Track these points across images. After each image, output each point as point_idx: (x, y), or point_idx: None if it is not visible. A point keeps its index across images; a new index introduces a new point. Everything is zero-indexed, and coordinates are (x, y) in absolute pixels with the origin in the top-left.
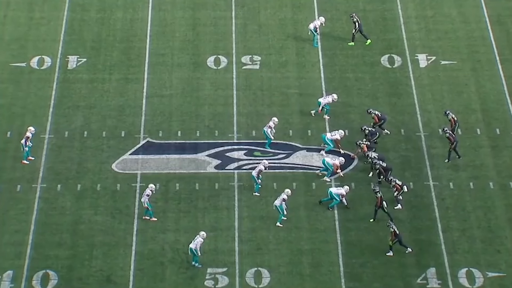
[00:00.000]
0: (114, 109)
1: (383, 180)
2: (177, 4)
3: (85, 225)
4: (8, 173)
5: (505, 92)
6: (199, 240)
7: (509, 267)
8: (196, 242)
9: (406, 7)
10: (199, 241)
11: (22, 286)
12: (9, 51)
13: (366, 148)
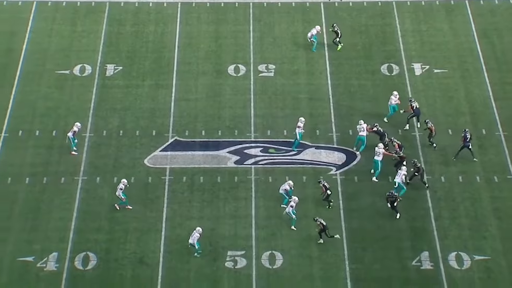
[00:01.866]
0: (146, 111)
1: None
2: (202, 19)
3: (121, 213)
4: (53, 167)
5: (491, 97)
6: (196, 235)
7: (494, 251)
8: (193, 237)
9: (403, 22)
10: (196, 236)
11: (66, 266)
12: (54, 60)
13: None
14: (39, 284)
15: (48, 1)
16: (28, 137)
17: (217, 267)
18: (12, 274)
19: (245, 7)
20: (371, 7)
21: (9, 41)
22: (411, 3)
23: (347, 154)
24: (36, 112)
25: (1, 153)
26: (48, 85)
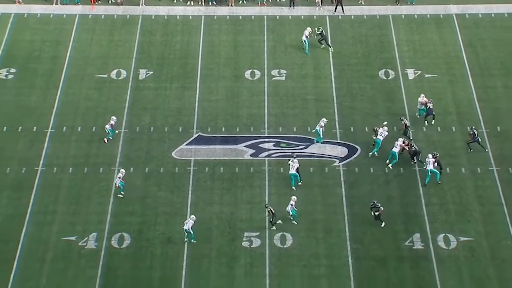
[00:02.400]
0: (173, 110)
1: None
2: (222, 30)
3: (151, 198)
4: (93, 158)
5: (475, 99)
6: (191, 223)
7: (477, 233)
8: (188, 224)
9: (398, 32)
10: (190, 223)
11: (103, 245)
12: (94, 66)
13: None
14: (80, 260)
15: (89, 14)
16: (71, 132)
17: (235, 246)
18: (57, 252)
19: (260, 20)
20: (370, 19)
21: (55, 49)
22: (405, 16)
23: (348, 148)
24: (78, 111)
25: (48, 146)
26: (88, 87)
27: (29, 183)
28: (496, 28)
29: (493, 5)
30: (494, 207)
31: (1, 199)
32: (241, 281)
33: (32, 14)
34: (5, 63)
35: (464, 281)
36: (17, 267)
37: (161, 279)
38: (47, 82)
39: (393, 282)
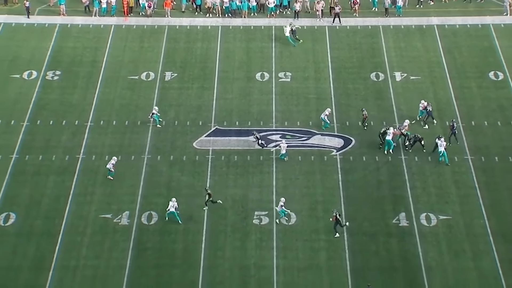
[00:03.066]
0: (194, 107)
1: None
2: (236, 38)
3: (175, 182)
4: (125, 148)
5: (453, 97)
6: (171, 205)
7: (454, 212)
8: (170, 207)
9: (388, 40)
10: (172, 205)
11: (135, 221)
12: (127, 69)
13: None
14: (115, 234)
15: (123, 25)
16: (107, 125)
17: (246, 223)
18: (95, 227)
19: (269, 29)
20: (363, 29)
21: (94, 54)
22: (393, 27)
23: (344, 140)
24: (113, 107)
25: (88, 137)
26: (122, 87)
27: (72, 169)
28: (471, 37)
29: (468, 17)
30: (469, 190)
31: (48, 182)
32: (252, 252)
33: (75, 25)
34: (51, 66)
35: (443, 253)
36: (62, 240)
37: (183, 251)
38: (87, 83)
39: (382, 254)
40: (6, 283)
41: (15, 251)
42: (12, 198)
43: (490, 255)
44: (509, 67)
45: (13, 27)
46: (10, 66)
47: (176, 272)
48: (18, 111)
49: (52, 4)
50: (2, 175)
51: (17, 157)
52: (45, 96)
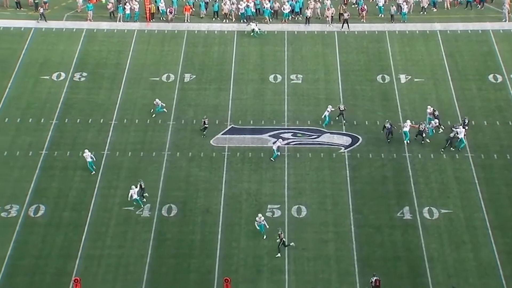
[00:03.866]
0: (211, 106)
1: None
2: (251, 42)
3: (193, 177)
4: (147, 145)
5: (454, 98)
6: (134, 191)
7: (455, 206)
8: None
9: (393, 45)
10: (135, 191)
11: (155, 214)
12: (149, 71)
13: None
14: (137, 226)
15: (145, 30)
16: (130, 124)
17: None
18: (119, 219)
19: (281, 34)
20: (370, 34)
21: (117, 57)
22: (398, 32)
23: (352, 138)
24: (136, 107)
25: (112, 135)
26: (144, 88)
27: (97, 164)
28: (472, 42)
29: (469, 23)
30: (469, 186)
31: (75, 176)
32: (265, 243)
33: (100, 30)
34: (78, 68)
35: (444, 245)
36: (88, 230)
37: (201, 241)
38: (111, 84)
39: (387, 245)
40: (37, 271)
41: (44, 240)
42: (42, 191)
43: (489, 247)
44: (508, 70)
45: (43, 32)
46: (41, 68)
47: (194, 261)
48: (48, 110)
49: (79, 10)
50: (33, 169)
51: (47, 153)
52: (73, 96)
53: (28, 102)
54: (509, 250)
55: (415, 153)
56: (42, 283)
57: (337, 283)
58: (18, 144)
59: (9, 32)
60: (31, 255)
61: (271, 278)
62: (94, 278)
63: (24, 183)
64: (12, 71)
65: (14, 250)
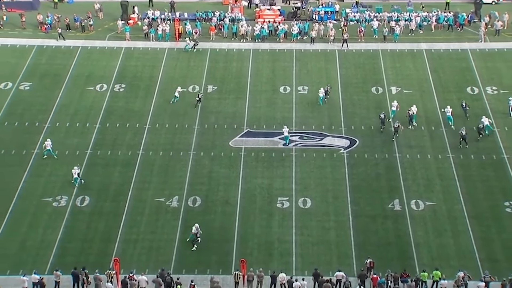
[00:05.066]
0: (230, 113)
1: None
2: (264, 59)
3: (215, 173)
4: (176, 145)
5: (437, 107)
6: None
7: (438, 199)
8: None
9: (386, 61)
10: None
11: (182, 204)
12: (177, 83)
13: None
14: (167, 215)
15: (174, 48)
16: (161, 127)
17: (271, 207)
18: (151, 209)
19: (290, 52)
20: (366, 52)
21: (151, 71)
22: (390, 51)
23: (350, 140)
24: (166, 113)
25: (146, 137)
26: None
27: (133, 162)
28: (453, 59)
29: (450, 43)
30: (450, 182)
31: (115, 172)
32: (276, 230)
33: (136, 48)
34: (118, 80)
35: (429, 232)
36: (125, 218)
37: (220, 228)
38: (146, 93)
39: (380, 232)
40: (82, 251)
41: (89, 226)
42: (86, 185)
43: (467, 234)
44: (483, 84)
45: (89, 50)
46: (86, 81)
47: (215, 245)
48: (92, 116)
49: (119, 31)
50: (80, 166)
51: (91, 152)
52: (113, 104)
53: (76, 109)
54: (484, 237)
55: (404, 154)
56: (86, 263)
57: (337, 264)
58: (67, 144)
59: (60, 50)
60: (77, 239)
61: (281, 260)
62: (131, 258)
63: (72, 178)
64: (63, 83)
65: (63, 234)
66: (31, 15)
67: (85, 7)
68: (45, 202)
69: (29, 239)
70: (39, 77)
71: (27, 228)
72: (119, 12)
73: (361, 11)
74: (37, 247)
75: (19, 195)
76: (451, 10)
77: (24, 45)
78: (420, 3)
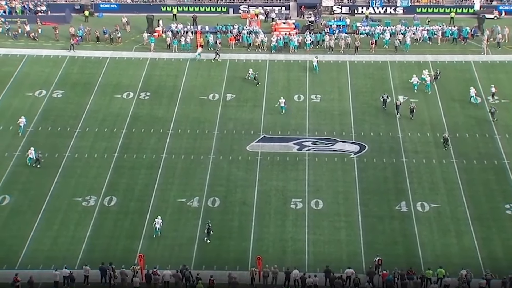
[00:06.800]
0: (248, 119)
1: None
2: (280, 69)
3: (233, 176)
4: (197, 149)
5: (442, 115)
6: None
7: (442, 202)
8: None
9: (393, 71)
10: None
11: (202, 204)
12: (198, 91)
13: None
14: (188, 214)
15: (196, 59)
16: (183, 133)
17: (285, 207)
18: (174, 208)
19: (304, 62)
20: (375, 64)
21: (174, 80)
22: (398, 62)
23: (360, 146)
24: (188, 120)
25: (169, 141)
26: (195, 104)
27: (157, 165)
28: (457, 70)
29: (454, 55)
30: (454, 185)
31: (140, 174)
32: (290, 229)
33: (161, 58)
34: (143, 89)
35: (433, 232)
36: (149, 217)
37: (238, 227)
38: (169, 101)
39: (387, 232)
40: (109, 248)
41: (116, 224)
42: (114, 185)
43: (469, 234)
44: (485, 93)
45: (117, 60)
46: (114, 89)
47: (233, 243)
48: (119, 121)
49: (145, 43)
50: (107, 168)
51: (118, 155)
52: (139, 110)
53: (104, 115)
54: (485, 237)
55: (411, 159)
56: (114, 258)
57: (347, 262)
58: (96, 148)
59: (90, 60)
60: (105, 236)
61: (294, 257)
62: (155, 254)
63: (100, 179)
64: (92, 91)
65: (92, 231)
66: (64, 28)
67: (113, 21)
68: (76, 201)
69: (61, 236)
70: (70, 85)
71: (59, 226)
72: (145, 25)
73: (371, 25)
74: (68, 244)
75: (51, 194)
76: (455, 25)
77: (57, 55)
78: (426, 17)
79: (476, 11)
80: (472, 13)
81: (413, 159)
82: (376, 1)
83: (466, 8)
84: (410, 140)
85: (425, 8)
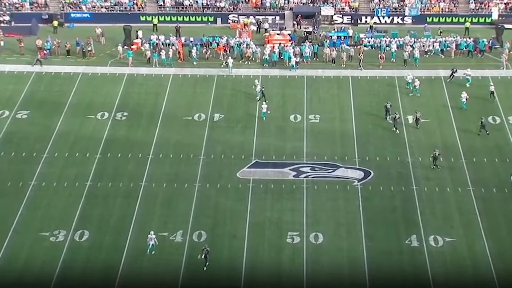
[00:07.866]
0: (238, 143)
1: None
2: (274, 85)
3: (222, 206)
4: (180, 176)
5: (457, 137)
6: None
7: (457, 235)
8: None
9: (401, 88)
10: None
11: (187, 239)
12: (182, 110)
13: None
14: (171, 249)
15: (179, 74)
16: (165, 158)
17: (281, 242)
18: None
19: (301, 78)
20: (381, 79)
21: (155, 98)
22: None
23: (364, 172)
24: (170, 143)
25: (149, 167)
26: (179, 125)
27: (135, 194)
28: (472, 87)
29: (470, 71)
30: (471, 216)
31: (116, 204)
32: (286, 266)
33: (140, 74)
34: (119, 108)
35: (448, 270)
36: (126, 254)
37: (227, 264)
38: (149, 122)
39: (396, 269)
40: None
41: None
42: (86, 218)
43: (489, 273)
44: (505, 113)
45: (90, 76)
46: (87, 108)
47: (222, 281)
48: (92, 145)
49: (122, 57)
50: (79, 198)
51: (91, 184)
52: (114, 133)
53: (75, 138)
54: (508, 276)
55: (422, 186)
56: None
57: None
58: (66, 175)
59: (60, 76)
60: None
61: None
62: None
63: (71, 211)
64: (62, 111)
65: (61, 271)
66: (30, 40)
67: (86, 32)
68: (42, 236)
69: (25, 276)
70: (37, 105)
71: (23, 264)
72: (122, 37)
73: (376, 36)
74: (33, 285)
75: (14, 229)
76: (470, 36)
77: (22, 71)
78: (438, 28)
79: (494, 20)
80: (490, 23)
81: (424, 187)
82: (382, 10)
83: (482, 18)
84: (421, 165)
85: (437, 17)
